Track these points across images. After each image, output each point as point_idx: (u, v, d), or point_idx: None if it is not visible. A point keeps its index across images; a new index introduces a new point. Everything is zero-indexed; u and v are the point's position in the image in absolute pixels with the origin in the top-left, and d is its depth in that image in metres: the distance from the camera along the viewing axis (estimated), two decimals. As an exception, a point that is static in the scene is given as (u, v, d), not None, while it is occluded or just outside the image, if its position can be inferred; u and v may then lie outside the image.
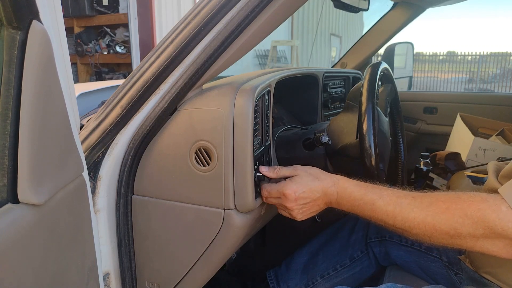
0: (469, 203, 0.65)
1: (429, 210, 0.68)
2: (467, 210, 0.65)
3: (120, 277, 0.85)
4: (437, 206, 0.68)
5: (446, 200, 0.68)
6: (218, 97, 0.77)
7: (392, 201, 0.73)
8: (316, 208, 0.82)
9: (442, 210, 0.67)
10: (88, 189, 0.62)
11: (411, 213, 0.70)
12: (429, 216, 0.68)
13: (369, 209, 0.75)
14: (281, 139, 1.00)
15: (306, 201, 0.81)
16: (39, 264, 0.49)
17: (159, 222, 0.83)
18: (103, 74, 5.15)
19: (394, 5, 1.92)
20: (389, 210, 0.72)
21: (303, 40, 10.50)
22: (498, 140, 1.76)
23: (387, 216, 0.73)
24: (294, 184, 0.81)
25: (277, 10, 0.74)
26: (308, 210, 0.82)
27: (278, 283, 1.14)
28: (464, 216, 0.65)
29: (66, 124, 0.54)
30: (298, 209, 0.81)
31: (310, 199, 0.81)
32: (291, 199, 0.80)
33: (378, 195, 0.75)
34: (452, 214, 0.66)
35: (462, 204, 0.66)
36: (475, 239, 0.65)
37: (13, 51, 0.45)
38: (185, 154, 0.78)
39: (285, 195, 0.80)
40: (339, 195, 0.79)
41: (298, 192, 0.80)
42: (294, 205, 0.81)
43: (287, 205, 0.81)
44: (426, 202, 0.70)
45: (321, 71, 1.33)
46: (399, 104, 1.12)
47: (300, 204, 0.81)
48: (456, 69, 12.67)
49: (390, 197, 0.74)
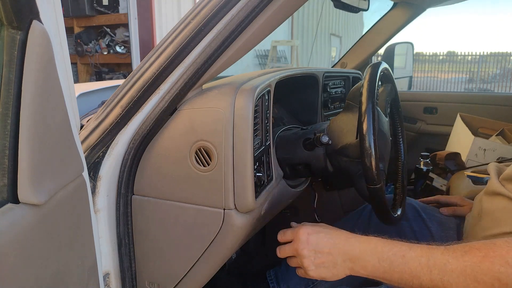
0: (507, 250, 0.59)
1: (465, 259, 0.61)
2: (507, 258, 0.58)
3: (120, 277, 0.85)
4: (474, 255, 0.61)
5: (481, 247, 0.62)
6: (218, 97, 0.77)
7: (424, 252, 0.65)
8: (330, 264, 0.71)
9: (480, 259, 0.60)
10: (88, 189, 0.62)
11: (447, 264, 0.62)
12: (467, 267, 0.61)
13: (399, 263, 0.66)
14: (281, 139, 1.00)
15: (319, 248, 0.72)
16: (39, 264, 0.49)
17: (159, 222, 0.83)
18: (103, 74, 5.15)
19: (394, 5, 1.92)
20: (422, 262, 0.64)
21: (303, 40, 10.51)
22: (498, 140, 1.76)
23: (421, 269, 0.64)
24: (308, 226, 0.75)
25: (277, 10, 0.74)
26: (321, 263, 0.72)
27: (278, 283, 1.14)
28: (505, 264, 0.58)
29: (66, 124, 0.54)
30: (309, 256, 0.72)
31: (324, 247, 0.72)
32: (302, 240, 0.72)
33: (408, 246, 0.67)
34: (491, 263, 0.59)
35: (499, 251, 0.59)
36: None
37: (13, 51, 0.45)
38: (185, 154, 0.78)
39: (297, 235, 0.74)
40: (362, 248, 0.69)
41: (311, 234, 0.73)
42: (305, 250, 0.72)
43: (298, 249, 0.73)
44: (460, 251, 0.63)
45: (321, 71, 1.33)
46: (399, 104, 1.12)
47: (312, 250, 0.72)
48: (456, 69, 12.67)
49: (421, 248, 0.66)
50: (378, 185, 0.82)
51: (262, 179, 0.84)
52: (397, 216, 0.93)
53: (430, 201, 1.18)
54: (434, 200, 1.17)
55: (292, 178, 1.04)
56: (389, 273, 0.67)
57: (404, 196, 1.05)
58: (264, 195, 0.85)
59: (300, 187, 1.09)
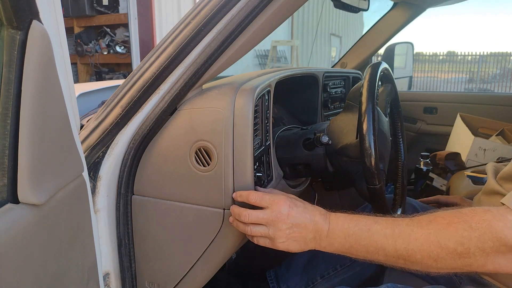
0: (472, 215, 0.61)
1: (430, 227, 0.63)
2: (471, 222, 0.60)
3: (120, 277, 0.85)
4: (438, 223, 0.63)
5: (446, 215, 0.63)
6: (218, 97, 0.77)
7: (389, 224, 0.66)
8: (302, 239, 0.71)
9: (444, 225, 0.62)
10: (88, 189, 0.62)
11: (411, 233, 0.63)
12: (431, 234, 0.62)
13: (365, 237, 0.67)
14: (281, 139, 1.00)
15: (297, 222, 0.70)
16: (39, 264, 0.49)
17: (159, 222, 0.83)
18: (103, 74, 5.15)
19: (394, 5, 1.92)
20: (387, 233, 0.65)
21: (303, 40, 10.51)
22: (498, 140, 1.76)
23: (386, 240, 0.65)
24: (287, 198, 0.72)
25: (277, 10, 0.74)
26: (293, 238, 0.71)
27: (278, 283, 1.14)
28: (469, 228, 0.60)
29: (66, 124, 0.54)
30: (285, 229, 0.70)
31: (301, 222, 0.70)
32: (283, 212, 0.70)
33: (373, 220, 0.68)
34: (455, 228, 0.61)
35: (464, 217, 0.61)
36: (485, 255, 0.59)
37: (13, 51, 0.45)
38: (185, 154, 0.78)
39: (277, 205, 0.71)
40: (332, 225, 0.70)
41: (292, 206, 0.71)
42: (282, 223, 0.70)
43: (274, 220, 0.70)
44: (425, 220, 0.64)
45: (321, 71, 1.33)
46: (399, 104, 1.12)
47: (289, 224, 0.70)
48: (456, 69, 12.68)
49: (386, 220, 0.67)
50: (378, 185, 0.82)
51: (262, 179, 0.84)
52: (397, 216, 0.93)
53: (430, 201, 1.18)
54: (434, 200, 1.17)
55: (292, 178, 1.04)
56: (354, 248, 0.68)
57: (404, 196, 1.05)
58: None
59: (300, 187, 1.09)
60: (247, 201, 0.74)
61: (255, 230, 0.73)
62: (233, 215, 0.75)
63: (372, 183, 0.82)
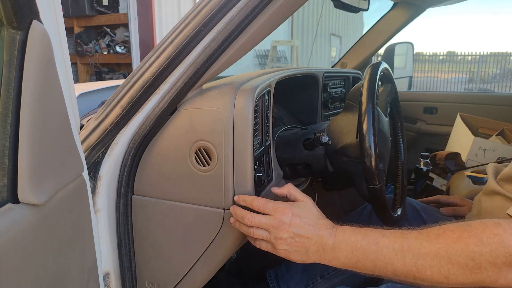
0: (482, 230, 0.58)
1: (439, 242, 0.61)
2: (482, 237, 0.58)
3: (120, 277, 0.85)
4: (447, 237, 0.60)
5: (455, 229, 0.61)
6: (218, 97, 0.77)
7: (398, 237, 0.64)
8: (303, 250, 0.70)
9: (454, 240, 0.60)
10: (88, 189, 0.62)
11: (421, 248, 0.61)
12: (441, 249, 0.60)
13: (373, 251, 0.64)
14: (281, 139, 1.00)
15: (300, 232, 0.69)
16: (39, 264, 0.49)
17: (159, 222, 0.83)
18: (103, 74, 5.15)
19: (394, 5, 1.92)
20: (396, 248, 0.63)
21: (303, 40, 10.51)
22: (498, 140, 1.76)
23: (395, 255, 0.62)
24: (295, 207, 0.72)
25: (277, 10, 0.74)
26: (295, 247, 0.70)
27: (278, 283, 1.14)
28: (480, 243, 0.58)
29: (66, 124, 0.54)
30: (286, 238, 0.69)
31: (304, 233, 0.69)
32: (285, 221, 0.69)
33: (380, 233, 0.66)
34: (465, 243, 0.59)
35: (474, 231, 0.59)
36: (497, 270, 0.57)
37: (13, 51, 0.45)
38: (185, 154, 0.78)
39: (280, 214, 0.70)
40: (337, 239, 0.68)
41: (295, 216, 0.70)
42: (284, 232, 0.69)
43: (276, 227, 0.70)
44: (434, 234, 0.62)
45: (321, 71, 1.33)
46: (399, 104, 1.12)
47: (291, 233, 0.69)
48: (456, 69, 12.68)
49: (394, 233, 0.65)
50: (378, 185, 0.82)
51: (262, 179, 0.84)
52: (397, 216, 0.93)
53: (430, 201, 1.18)
54: (434, 200, 1.17)
55: (292, 178, 1.04)
56: (362, 262, 0.66)
57: (404, 196, 1.05)
58: (264, 195, 0.85)
59: (300, 187, 1.09)
60: (251, 206, 0.74)
61: (258, 233, 0.73)
62: (235, 216, 0.75)
63: (372, 183, 0.82)
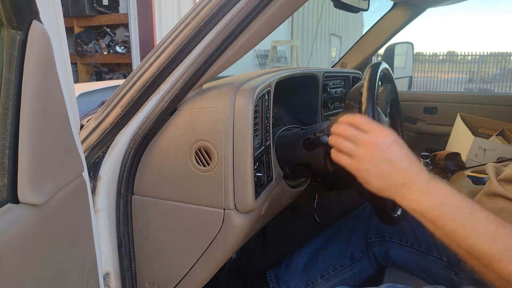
0: None
1: None
2: None
3: (120, 277, 0.85)
4: None
5: None
6: (218, 97, 0.77)
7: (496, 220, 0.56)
8: (388, 178, 0.62)
9: None
10: (88, 189, 0.62)
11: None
12: None
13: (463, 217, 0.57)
14: (281, 139, 1.00)
15: (394, 159, 0.62)
16: (39, 264, 0.49)
17: (159, 222, 0.83)
18: (103, 74, 5.15)
19: (394, 5, 1.92)
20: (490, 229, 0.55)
21: (303, 40, 10.50)
22: (498, 140, 1.76)
23: (484, 233, 0.55)
24: (398, 137, 0.64)
25: (277, 10, 0.74)
26: (380, 171, 0.63)
27: (278, 283, 1.14)
28: None
29: (66, 124, 0.54)
30: (376, 158, 0.62)
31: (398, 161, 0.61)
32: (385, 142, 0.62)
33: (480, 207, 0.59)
34: None
35: None
36: None
37: (13, 51, 0.45)
38: (185, 154, 0.78)
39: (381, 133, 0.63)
40: (432, 184, 0.60)
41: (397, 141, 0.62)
42: (378, 152, 0.62)
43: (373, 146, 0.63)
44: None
45: (321, 71, 1.33)
46: (399, 104, 1.12)
47: (384, 157, 0.62)
48: (456, 69, 12.68)
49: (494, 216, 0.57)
50: (378, 185, 0.82)
51: (262, 179, 0.84)
52: (397, 216, 0.93)
53: (430, 201, 1.17)
54: (434, 200, 1.17)
55: (292, 178, 1.04)
56: (443, 221, 0.58)
57: (404, 196, 1.04)
58: (264, 195, 0.85)
59: (300, 187, 1.09)
60: (352, 121, 0.68)
61: (345, 145, 0.67)
62: (332, 128, 0.70)
63: (372, 183, 0.82)
